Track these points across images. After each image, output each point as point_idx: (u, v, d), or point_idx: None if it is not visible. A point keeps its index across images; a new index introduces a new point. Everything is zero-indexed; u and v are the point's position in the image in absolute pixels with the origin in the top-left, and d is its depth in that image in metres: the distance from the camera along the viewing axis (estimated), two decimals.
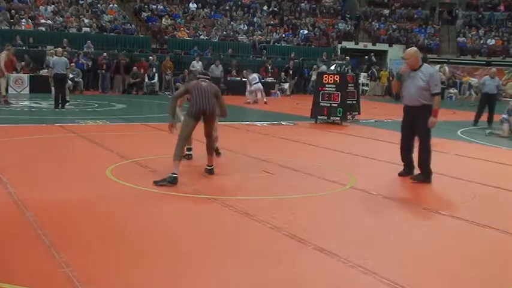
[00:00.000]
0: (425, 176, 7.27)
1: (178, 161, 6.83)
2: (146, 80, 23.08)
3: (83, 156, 8.48)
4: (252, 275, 4.00)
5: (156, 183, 6.59)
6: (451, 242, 4.99)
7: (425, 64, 7.42)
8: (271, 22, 32.54)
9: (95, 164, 7.78)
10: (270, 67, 26.16)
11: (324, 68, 19.08)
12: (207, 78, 7.42)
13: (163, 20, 28.82)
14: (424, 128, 7.24)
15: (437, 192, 6.99)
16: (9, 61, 16.77)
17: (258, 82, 21.27)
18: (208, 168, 7.27)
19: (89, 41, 24.12)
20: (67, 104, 16.03)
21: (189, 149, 8.20)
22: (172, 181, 6.60)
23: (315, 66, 25.29)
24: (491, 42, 33.74)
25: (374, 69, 29.00)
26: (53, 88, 16.23)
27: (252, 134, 9.24)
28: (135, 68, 22.89)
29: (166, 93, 23.59)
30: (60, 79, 15.58)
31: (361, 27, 35.20)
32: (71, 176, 7.05)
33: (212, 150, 7.33)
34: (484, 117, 15.25)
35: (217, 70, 22.92)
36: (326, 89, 14.36)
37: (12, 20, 24.73)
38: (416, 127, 7.34)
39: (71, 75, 19.66)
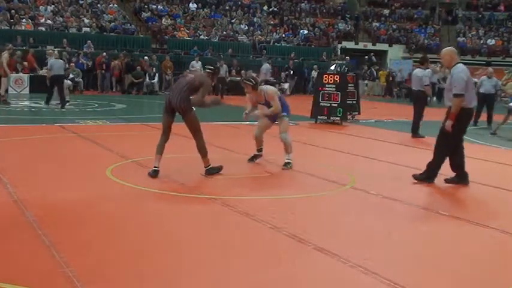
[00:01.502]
0: (428, 177, 7.18)
1: (157, 155, 7.03)
2: (147, 79, 23.11)
3: (83, 156, 8.48)
4: (252, 275, 4.00)
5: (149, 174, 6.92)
6: (451, 242, 4.99)
7: (458, 64, 7.04)
8: (271, 22, 32.56)
9: (95, 164, 7.78)
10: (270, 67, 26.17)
11: (267, 66, 19.39)
12: (209, 69, 7.39)
13: (163, 20, 28.84)
14: (441, 131, 7.06)
15: (437, 192, 6.98)
16: (12, 61, 17.07)
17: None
18: (205, 168, 7.21)
19: (89, 41, 24.14)
20: (67, 104, 16.10)
21: (260, 150, 8.24)
22: (151, 174, 6.90)
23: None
24: (491, 42, 33.76)
25: (373, 69, 29.01)
26: (56, 88, 16.58)
27: (252, 134, 9.20)
28: (138, 67, 22.89)
29: (167, 93, 23.61)
30: (58, 79, 15.93)
31: (361, 27, 35.22)
32: (71, 176, 7.05)
33: (202, 150, 7.13)
34: (484, 117, 15.24)
35: (221, 70, 23.01)
36: (326, 89, 14.37)
37: (12, 20, 24.74)
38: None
39: (71, 75, 19.71)
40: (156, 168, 6.94)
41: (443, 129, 7.03)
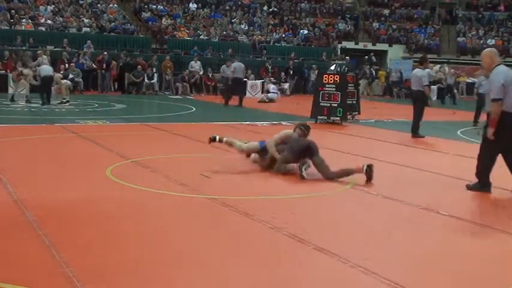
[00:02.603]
0: (481, 186, 6.89)
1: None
2: (146, 80, 23.12)
3: (83, 156, 8.48)
4: (252, 275, 4.00)
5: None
6: (451, 242, 4.99)
7: (499, 66, 6.75)
8: (271, 22, 32.55)
9: (95, 164, 7.78)
10: (270, 67, 26.18)
11: (239, 64, 19.56)
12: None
13: (163, 20, 28.83)
14: (483, 138, 6.85)
15: (437, 192, 6.97)
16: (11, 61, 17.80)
17: (276, 92, 21.85)
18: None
19: (89, 41, 24.14)
20: (67, 104, 16.20)
21: None
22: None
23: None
24: (491, 42, 33.74)
25: (372, 69, 28.98)
26: (53, 88, 17.22)
27: (252, 134, 9.23)
28: (139, 66, 22.89)
29: (166, 93, 23.64)
30: (47, 81, 16.84)
31: (361, 27, 35.22)
32: (71, 176, 7.05)
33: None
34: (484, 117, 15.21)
35: (228, 70, 23.00)
36: (326, 89, 14.36)
37: (12, 20, 24.74)
38: None
39: (70, 75, 19.75)
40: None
41: (485, 136, 6.79)
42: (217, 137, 8.02)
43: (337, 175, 7.28)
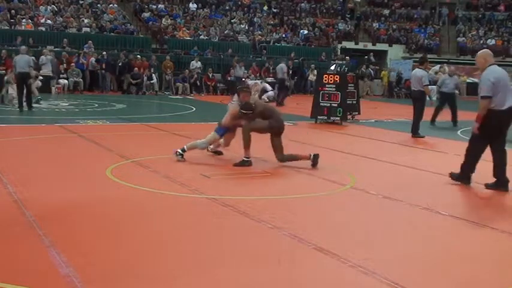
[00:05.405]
0: (462, 177, 7.09)
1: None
2: (145, 80, 23.13)
3: (83, 156, 8.48)
4: (252, 275, 4.00)
5: None
6: (451, 242, 4.99)
7: (490, 66, 7.04)
8: (271, 22, 32.55)
9: (95, 164, 7.78)
10: (271, 67, 26.18)
11: (281, 65, 19.87)
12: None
13: (163, 20, 28.82)
14: (472, 133, 7.06)
15: (437, 192, 6.97)
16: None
17: (272, 90, 21.95)
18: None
19: (90, 41, 24.14)
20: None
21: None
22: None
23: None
24: (491, 42, 33.74)
25: (370, 70, 28.95)
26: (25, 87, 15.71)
27: (251, 134, 9.22)
28: (136, 68, 22.90)
29: (166, 93, 23.64)
30: (22, 78, 14.66)
31: (361, 27, 35.22)
32: (71, 176, 7.05)
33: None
34: (446, 116, 15.01)
35: (240, 71, 23.04)
36: (326, 89, 14.37)
37: (12, 20, 24.75)
38: None
39: (68, 80, 19.63)
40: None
41: (472, 132, 7.02)
42: (181, 149, 8.13)
43: (288, 158, 8.07)
